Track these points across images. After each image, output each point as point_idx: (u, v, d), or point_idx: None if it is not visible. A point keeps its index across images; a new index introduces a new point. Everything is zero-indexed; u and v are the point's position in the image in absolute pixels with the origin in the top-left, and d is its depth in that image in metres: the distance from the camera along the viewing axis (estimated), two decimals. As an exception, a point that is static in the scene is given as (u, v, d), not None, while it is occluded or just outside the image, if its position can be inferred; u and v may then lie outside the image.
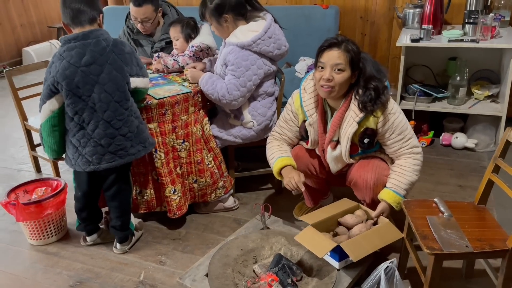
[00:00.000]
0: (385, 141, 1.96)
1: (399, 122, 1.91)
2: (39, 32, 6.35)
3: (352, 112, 1.89)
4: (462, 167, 2.90)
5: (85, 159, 2.02)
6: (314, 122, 2.01)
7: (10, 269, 2.19)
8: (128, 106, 2.02)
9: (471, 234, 1.61)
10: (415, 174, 1.93)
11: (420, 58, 3.32)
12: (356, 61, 1.84)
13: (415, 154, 1.95)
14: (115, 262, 2.20)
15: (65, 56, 1.91)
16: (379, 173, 1.95)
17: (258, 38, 2.21)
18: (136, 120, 2.06)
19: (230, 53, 2.25)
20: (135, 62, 2.04)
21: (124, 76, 1.98)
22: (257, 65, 2.25)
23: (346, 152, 1.96)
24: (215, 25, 2.29)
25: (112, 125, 1.98)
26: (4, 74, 2.90)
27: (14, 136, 3.79)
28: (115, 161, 2.03)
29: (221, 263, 1.95)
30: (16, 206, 2.16)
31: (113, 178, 2.12)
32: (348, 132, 1.91)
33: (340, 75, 1.82)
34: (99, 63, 1.92)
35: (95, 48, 1.91)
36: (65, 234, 2.42)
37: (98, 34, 1.94)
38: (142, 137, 2.09)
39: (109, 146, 2.00)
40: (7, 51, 5.95)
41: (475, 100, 3.11)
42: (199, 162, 2.35)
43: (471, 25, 2.93)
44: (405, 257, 1.93)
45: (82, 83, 1.91)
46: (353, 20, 3.57)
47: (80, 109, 1.95)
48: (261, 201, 2.62)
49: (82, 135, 1.99)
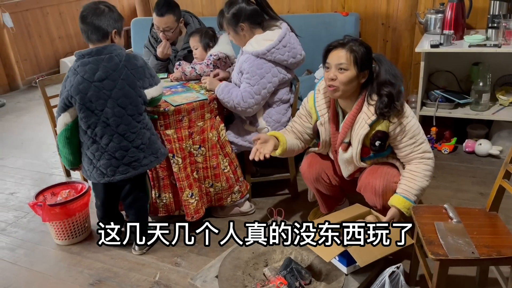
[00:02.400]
0: (396, 144, 1.96)
1: (411, 126, 1.90)
2: (76, 43, 6.65)
3: (364, 114, 1.90)
4: (484, 175, 2.83)
5: (99, 171, 2.10)
6: (325, 122, 2.03)
7: (36, 267, 2.32)
8: (141, 119, 2.09)
9: (479, 241, 1.59)
10: (426, 179, 1.92)
11: (443, 64, 3.27)
12: (363, 61, 1.84)
13: (427, 160, 1.94)
14: (133, 262, 2.29)
15: (79, 71, 1.99)
16: (388, 180, 1.95)
17: (273, 47, 2.26)
18: (148, 131, 2.13)
19: (245, 62, 2.31)
20: (148, 74, 2.10)
21: (136, 91, 2.04)
22: (271, 73, 2.30)
23: (357, 155, 1.97)
24: (232, 33, 2.36)
25: (125, 138, 2.05)
26: (37, 84, 3.07)
27: (48, 142, 4.00)
28: (129, 172, 2.11)
29: (231, 265, 1.99)
30: (43, 207, 2.29)
31: (129, 187, 2.20)
32: (359, 134, 1.92)
33: (343, 74, 1.84)
34: (112, 79, 1.99)
35: (108, 64, 1.99)
36: (89, 235, 2.54)
37: (112, 49, 2.01)
38: (154, 148, 2.16)
39: (123, 158, 2.08)
40: (46, 62, 6.27)
41: (499, 106, 3.03)
42: (215, 167, 2.41)
43: (493, 30, 2.87)
44: (416, 263, 1.92)
45: (95, 97, 1.98)
46: (375, 26, 3.56)
47: (93, 123, 2.03)
48: (277, 206, 2.65)
49: (96, 149, 2.07)
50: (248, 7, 2.28)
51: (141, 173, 2.16)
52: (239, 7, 2.27)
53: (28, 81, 6.00)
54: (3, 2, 5.62)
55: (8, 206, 2.97)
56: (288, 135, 2.15)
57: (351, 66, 1.83)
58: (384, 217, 1.97)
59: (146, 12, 4.46)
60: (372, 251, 1.78)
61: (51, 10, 6.24)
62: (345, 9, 3.58)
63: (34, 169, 3.50)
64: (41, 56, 6.18)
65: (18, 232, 2.65)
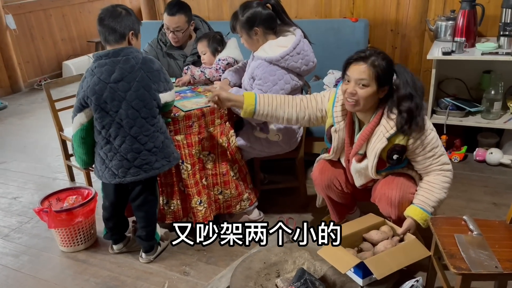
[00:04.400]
0: (415, 157, 1.91)
1: (431, 139, 1.86)
2: (78, 46, 6.62)
3: (382, 127, 1.85)
4: (497, 184, 2.79)
5: (111, 172, 2.08)
6: (340, 129, 1.99)
7: (41, 275, 2.27)
8: (155, 122, 2.07)
9: (502, 254, 1.54)
10: (444, 191, 1.88)
11: (453, 71, 3.24)
12: (385, 77, 1.80)
13: (445, 172, 1.90)
14: (140, 271, 2.24)
15: (96, 72, 1.99)
16: (404, 191, 1.90)
17: (287, 54, 2.22)
18: (161, 135, 2.11)
19: (258, 68, 2.27)
20: (163, 78, 2.10)
21: (151, 94, 2.03)
22: (284, 80, 2.26)
23: (373, 168, 1.92)
24: (245, 37, 2.31)
25: (138, 141, 2.04)
26: (43, 86, 3.03)
27: (52, 145, 3.94)
28: (140, 175, 2.08)
29: (243, 275, 1.94)
30: (49, 213, 2.24)
31: (139, 189, 2.17)
32: (376, 148, 1.87)
33: (364, 90, 1.79)
34: (127, 80, 1.98)
35: (124, 66, 1.98)
36: (94, 242, 2.49)
37: (128, 52, 2.01)
38: (167, 152, 2.13)
39: (135, 161, 2.06)
40: (49, 64, 6.23)
41: (511, 115, 3.00)
42: (224, 174, 2.37)
43: (506, 38, 2.84)
44: (432, 276, 1.87)
45: (110, 98, 1.98)
46: (384, 33, 3.53)
47: (107, 124, 2.02)
48: (287, 214, 2.61)
49: (109, 149, 2.06)
50: (263, 12, 2.24)
51: (152, 176, 2.13)
52: (254, 11, 2.23)
53: (30, 83, 5.95)
54: (6, 4, 5.58)
55: (12, 211, 2.91)
56: (277, 101, 2.07)
57: (372, 81, 1.78)
58: (400, 228, 1.92)
59: (151, 15, 4.44)
60: (388, 263, 1.74)
61: (54, 12, 6.20)
62: (353, 15, 3.55)
63: (38, 173, 3.45)
64: (43, 59, 6.14)
65: (22, 238, 2.60)
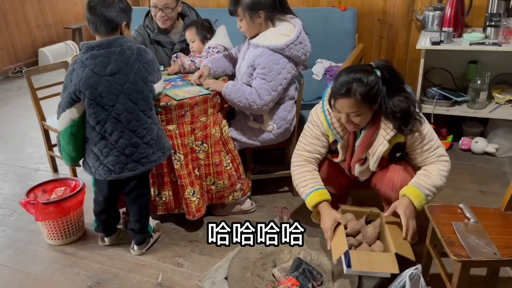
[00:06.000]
0: (413, 151, 1.92)
1: (426, 131, 1.87)
2: (55, 33, 6.41)
3: (382, 131, 1.84)
4: (482, 172, 2.85)
5: (106, 168, 2.00)
6: (345, 143, 1.97)
7: (29, 269, 2.20)
8: (151, 114, 2.01)
9: (499, 241, 1.57)
10: (441, 179, 1.88)
11: (439, 61, 3.28)
12: (374, 95, 1.73)
13: (442, 162, 1.92)
14: (132, 263, 2.19)
15: (88, 64, 1.86)
16: (406, 175, 1.92)
17: (291, 42, 2.18)
18: (155, 126, 2.05)
19: (260, 56, 2.20)
20: (156, 68, 2.03)
21: (148, 85, 1.96)
22: (286, 69, 2.23)
23: (374, 167, 1.94)
24: (247, 20, 2.22)
25: (136, 134, 1.97)
26: (23, 74, 2.91)
27: (31, 135, 3.82)
28: (138, 169, 2.02)
29: (240, 266, 1.93)
30: (36, 205, 2.17)
31: (134, 184, 2.11)
32: (378, 151, 1.87)
33: (358, 117, 1.77)
34: (124, 73, 1.89)
35: (120, 57, 1.88)
36: (82, 235, 2.42)
37: (122, 42, 1.90)
38: (161, 143, 2.08)
39: (133, 155, 1.99)
40: (24, 52, 6.01)
41: (495, 104, 3.06)
42: (217, 164, 2.33)
43: (492, 28, 2.88)
44: (427, 263, 1.90)
45: (105, 92, 1.87)
46: (371, 22, 3.54)
47: (103, 119, 1.92)
48: (278, 204, 2.60)
49: (104, 145, 1.97)
50: None
51: (147, 171, 2.08)
52: None
53: (4, 71, 5.74)
54: (-22, -12, 5.35)
55: (-7, 203, 2.81)
56: (320, 180, 2.01)
57: (363, 107, 1.74)
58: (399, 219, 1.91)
59: (135, 1, 4.32)
60: (373, 262, 1.71)
61: (29, -2, 5.98)
62: (341, 4, 3.54)
63: (18, 164, 3.33)
64: (18, 46, 5.92)
65: (5, 232, 2.51)
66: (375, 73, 1.74)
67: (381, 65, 1.76)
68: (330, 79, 3.14)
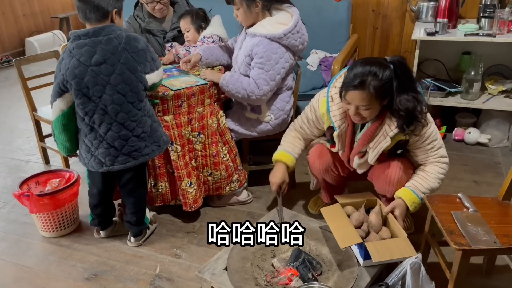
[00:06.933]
0: (414, 149, 1.93)
1: (430, 132, 1.86)
2: (41, 22, 6.28)
3: (386, 127, 1.83)
4: (475, 163, 2.88)
5: (97, 160, 1.96)
6: (342, 133, 1.95)
7: (23, 261, 2.16)
8: (142, 106, 1.94)
9: (498, 230, 1.59)
10: (437, 181, 1.90)
11: (433, 53, 3.29)
12: (385, 91, 1.71)
13: (442, 164, 1.92)
14: (129, 255, 2.18)
15: (74, 53, 1.81)
16: (404, 171, 1.92)
17: (289, 31, 2.16)
18: (149, 119, 1.99)
19: (257, 45, 2.18)
20: (149, 57, 1.94)
21: (137, 76, 1.88)
22: (284, 58, 2.21)
23: (373, 161, 1.93)
24: (244, 9, 2.19)
25: (125, 127, 1.91)
26: (14, 63, 2.85)
27: (20, 127, 3.75)
28: (129, 162, 1.97)
29: (239, 256, 1.92)
30: (30, 197, 2.13)
31: (129, 176, 2.07)
32: (379, 146, 1.87)
33: (367, 111, 1.76)
34: (110, 63, 1.82)
35: (106, 47, 1.82)
36: (77, 227, 2.39)
37: (110, 30, 1.84)
38: (156, 136, 2.02)
39: (123, 148, 1.94)
40: (10, 41, 5.88)
41: (488, 95, 3.08)
42: (214, 155, 2.32)
43: (487, 19, 2.89)
44: (426, 252, 1.91)
45: (92, 83, 1.82)
46: (365, 13, 3.53)
47: (90, 110, 1.87)
48: (274, 195, 2.59)
49: (94, 137, 1.93)
50: None
51: (142, 163, 2.04)
52: None
53: (-10, 61, 5.61)
54: (-38, -25, 5.20)
55: (-17, 196, 2.76)
56: (297, 146, 2.15)
57: (374, 102, 1.73)
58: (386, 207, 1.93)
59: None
60: (390, 250, 1.72)
61: (15, -14, 5.84)
62: (336, -6, 3.52)
63: (8, 155, 3.27)
64: (4, 35, 5.79)
65: (-2, 224, 2.47)
66: (390, 68, 1.71)
67: (395, 60, 1.73)
68: (325, 70, 3.13)
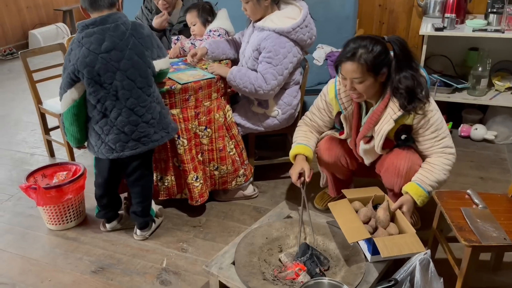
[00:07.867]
0: (417, 137, 1.92)
1: (435, 120, 1.85)
2: (45, 14, 6.26)
3: (390, 110, 1.84)
4: (482, 159, 2.87)
5: (108, 147, 1.98)
6: (349, 115, 1.97)
7: (30, 254, 2.17)
8: (151, 92, 1.97)
9: (508, 226, 1.59)
10: (444, 173, 1.88)
11: (440, 48, 3.27)
12: (378, 64, 1.75)
13: (447, 154, 1.90)
14: (136, 248, 2.18)
15: (84, 42, 1.84)
16: (413, 162, 1.91)
17: (298, 25, 2.15)
18: (158, 105, 2.01)
19: (266, 39, 2.17)
20: (155, 44, 1.99)
21: (145, 61, 1.92)
22: (292, 52, 2.20)
23: (379, 147, 1.93)
24: (253, 3, 2.18)
25: (135, 112, 1.94)
26: (19, 55, 2.84)
27: (25, 119, 3.74)
28: (139, 148, 1.99)
29: (246, 251, 1.92)
30: (37, 190, 2.13)
31: (136, 164, 2.08)
32: (383, 130, 1.86)
33: (361, 85, 1.78)
34: (119, 49, 1.85)
35: (114, 33, 1.85)
36: (83, 220, 2.39)
37: (116, 17, 1.87)
38: (165, 123, 2.04)
39: (132, 134, 1.96)
40: (13, 34, 5.87)
41: (495, 92, 3.07)
42: (221, 150, 2.31)
43: (495, 15, 2.88)
44: (433, 248, 1.91)
45: (103, 70, 1.84)
46: (371, 7, 3.51)
47: (102, 97, 1.89)
48: (280, 189, 2.60)
49: (104, 123, 1.95)
50: None
51: (150, 150, 2.05)
52: None
53: (-6, 54, 5.61)
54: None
55: (-11, 188, 2.76)
56: (311, 139, 2.12)
57: (366, 75, 1.76)
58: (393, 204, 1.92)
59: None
60: (399, 246, 1.72)
61: (18, -22, 5.82)
62: (342, -12, 3.49)
63: (13, 148, 3.27)
64: (7, 27, 5.78)
65: (4, 216, 2.47)
66: (383, 44, 1.76)
67: (393, 39, 1.77)
68: (331, 65, 3.11)
